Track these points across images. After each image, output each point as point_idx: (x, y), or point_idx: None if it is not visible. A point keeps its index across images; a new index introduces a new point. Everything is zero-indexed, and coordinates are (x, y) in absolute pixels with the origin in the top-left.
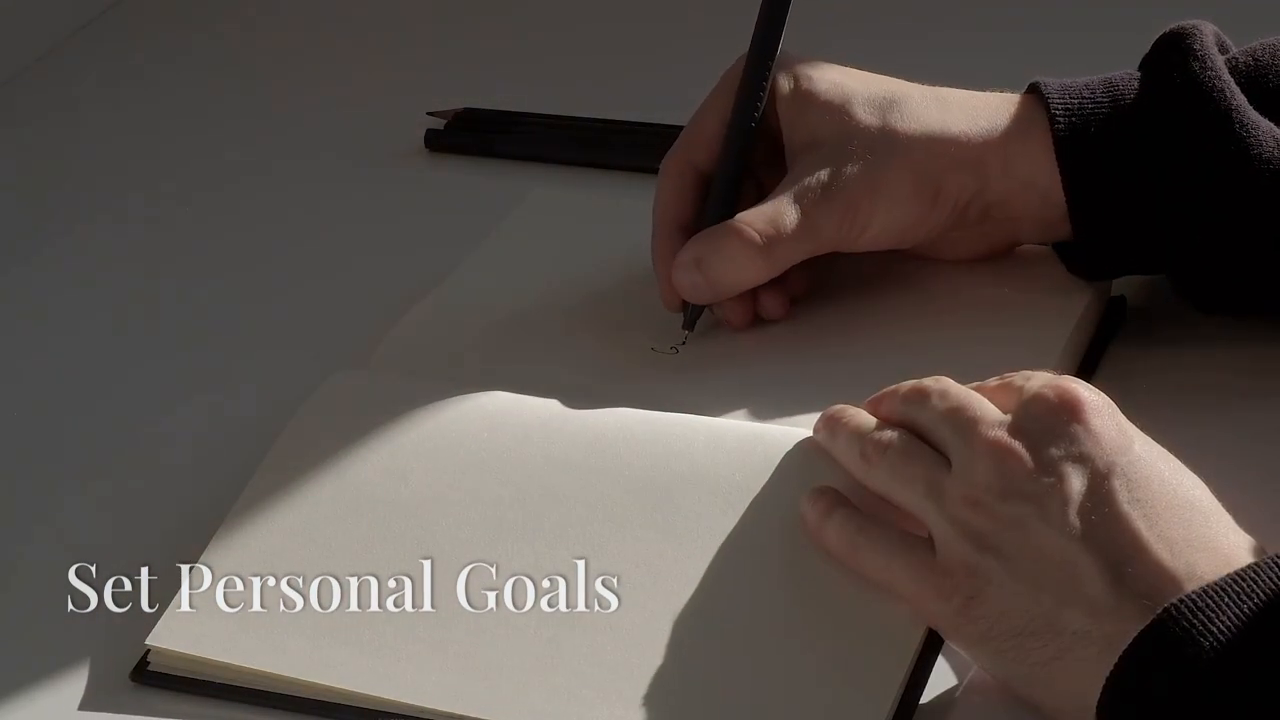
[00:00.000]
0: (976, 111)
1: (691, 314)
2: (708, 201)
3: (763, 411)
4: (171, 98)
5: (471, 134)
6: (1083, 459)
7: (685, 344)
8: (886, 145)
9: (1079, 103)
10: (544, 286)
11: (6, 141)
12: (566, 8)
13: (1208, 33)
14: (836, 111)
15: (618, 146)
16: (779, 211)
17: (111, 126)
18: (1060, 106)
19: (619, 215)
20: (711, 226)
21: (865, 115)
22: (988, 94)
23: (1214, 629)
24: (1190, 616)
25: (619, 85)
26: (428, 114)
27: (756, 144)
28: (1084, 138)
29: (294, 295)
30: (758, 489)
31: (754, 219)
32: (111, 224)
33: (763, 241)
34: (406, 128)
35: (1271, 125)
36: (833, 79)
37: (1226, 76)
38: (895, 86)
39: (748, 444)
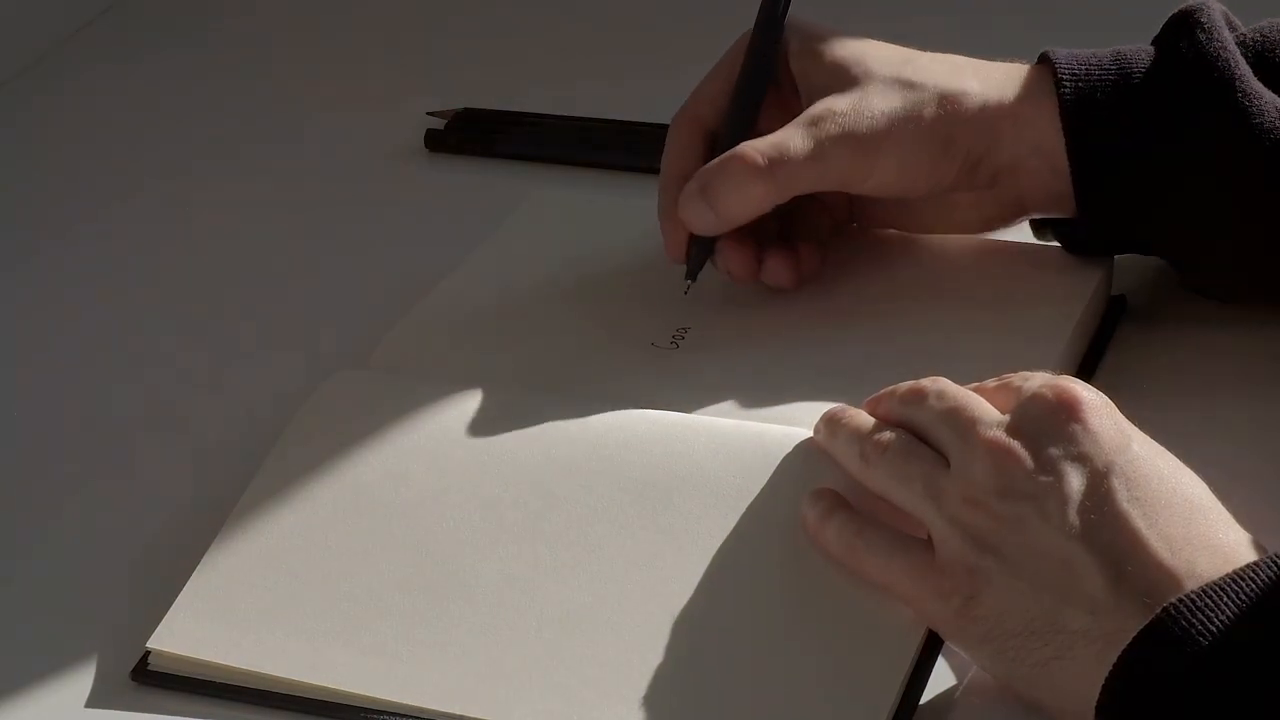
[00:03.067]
0: (989, 77)
1: (694, 262)
2: (714, 154)
3: (762, 411)
4: (171, 98)
5: (471, 134)
6: (1081, 458)
7: (688, 294)
8: (902, 92)
9: (1086, 70)
10: (544, 286)
11: (6, 141)
12: (566, 8)
13: (1216, 10)
14: (852, 63)
15: (618, 146)
16: (786, 136)
17: (111, 126)
18: (1068, 73)
19: (619, 215)
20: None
21: (880, 67)
22: (999, 63)
23: (1214, 628)
24: (1190, 615)
25: (619, 85)
26: (428, 114)
27: (765, 102)
28: (1090, 104)
29: (294, 295)
30: (758, 490)
31: (759, 142)
32: (110, 224)
33: (765, 162)
34: (406, 128)
35: (1275, 96)
36: (846, 39)
37: (1232, 47)
38: (909, 51)
39: (748, 445)
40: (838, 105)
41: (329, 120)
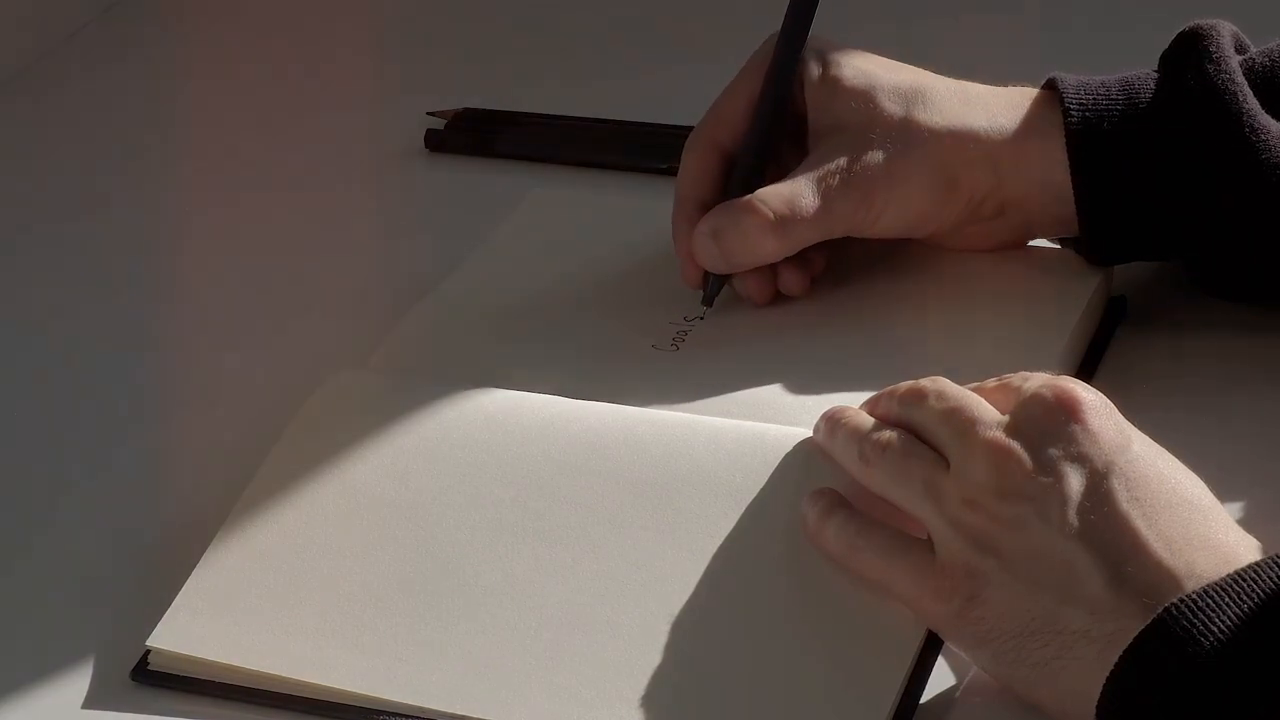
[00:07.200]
0: (997, 108)
1: (711, 290)
2: (731, 180)
3: (762, 411)
4: (171, 98)
5: (471, 134)
6: (1081, 459)
7: (704, 319)
8: (907, 136)
9: (1094, 99)
10: (544, 286)
11: (6, 141)
12: (567, 8)
13: (1225, 33)
14: (861, 98)
15: (618, 146)
16: (797, 192)
17: (111, 126)
18: (1075, 102)
19: (619, 215)
20: (731, 200)
21: (889, 104)
22: (1008, 90)
23: (1214, 629)
24: (1191, 616)
25: (619, 85)
26: (428, 114)
27: (781, 125)
28: (1096, 135)
29: (294, 295)
30: (757, 490)
31: (771, 197)
32: (110, 224)
33: (777, 220)
34: (406, 128)
35: None
36: (860, 66)
37: (1240, 79)
38: (920, 78)
39: (748, 444)
40: (844, 159)
41: (329, 120)
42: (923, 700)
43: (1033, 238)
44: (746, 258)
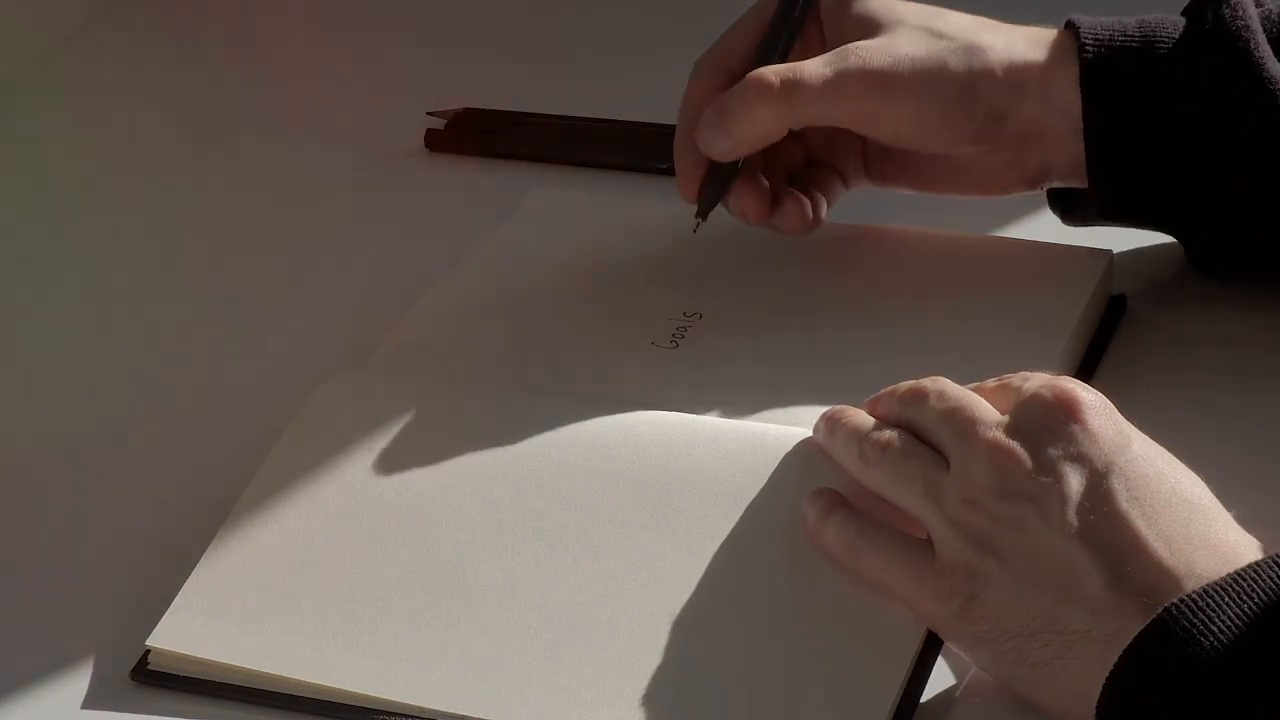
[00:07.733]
0: (1016, 38)
1: (707, 200)
2: None
3: (762, 411)
4: (171, 98)
5: (471, 134)
6: (1081, 458)
7: (696, 233)
8: (928, 39)
9: (1110, 35)
10: (543, 286)
11: (6, 141)
12: (566, 8)
13: None
14: (883, 14)
15: (618, 146)
16: (805, 63)
17: (111, 126)
18: (1091, 37)
19: (619, 215)
20: None
21: (910, 17)
22: (1027, 27)
23: (1214, 629)
24: (1191, 616)
25: (619, 85)
26: (428, 114)
27: (793, 54)
28: (1111, 69)
29: (294, 295)
30: (757, 490)
31: (776, 66)
32: (110, 224)
33: (780, 85)
34: (406, 128)
35: None
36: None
37: (1255, 25)
38: (939, 8)
39: (748, 444)
40: (863, 43)
41: (329, 120)
42: (923, 700)
43: (1045, 180)
44: (748, 128)
